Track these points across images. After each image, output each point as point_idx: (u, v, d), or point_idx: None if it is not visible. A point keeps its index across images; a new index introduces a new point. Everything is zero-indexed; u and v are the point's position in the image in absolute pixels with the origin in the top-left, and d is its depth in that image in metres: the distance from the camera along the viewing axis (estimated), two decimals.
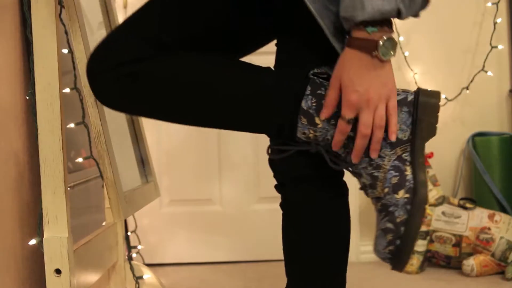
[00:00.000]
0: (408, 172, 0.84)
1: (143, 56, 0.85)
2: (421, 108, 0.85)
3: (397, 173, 0.84)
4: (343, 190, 0.97)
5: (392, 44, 0.79)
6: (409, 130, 0.85)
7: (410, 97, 0.86)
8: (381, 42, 0.78)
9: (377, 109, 0.81)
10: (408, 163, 0.84)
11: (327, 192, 0.95)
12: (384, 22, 0.79)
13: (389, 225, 0.84)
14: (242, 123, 0.90)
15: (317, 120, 0.84)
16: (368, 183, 0.86)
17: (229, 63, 0.90)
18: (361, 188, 0.89)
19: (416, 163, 0.84)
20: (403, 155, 0.84)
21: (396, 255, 0.84)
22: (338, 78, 0.81)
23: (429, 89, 0.86)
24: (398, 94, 0.86)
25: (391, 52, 0.79)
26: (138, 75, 0.85)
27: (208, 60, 0.89)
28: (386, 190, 0.84)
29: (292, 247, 1.00)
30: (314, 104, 0.84)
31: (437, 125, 0.86)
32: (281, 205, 1.01)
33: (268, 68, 0.91)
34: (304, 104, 0.85)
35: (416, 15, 0.83)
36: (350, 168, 0.89)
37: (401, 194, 0.84)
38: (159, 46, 0.86)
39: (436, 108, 0.85)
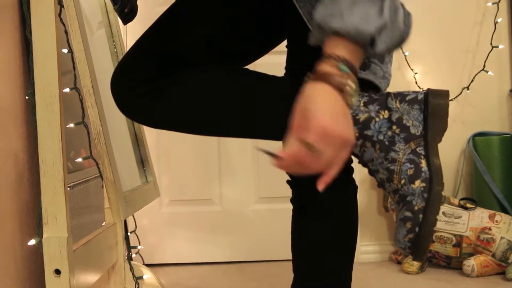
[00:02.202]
0: (423, 164, 0.88)
1: (161, 73, 0.89)
2: (431, 106, 0.90)
3: (412, 165, 0.88)
4: (353, 186, 0.99)
5: (356, 90, 0.73)
6: (421, 126, 0.90)
7: (420, 96, 0.91)
8: (350, 82, 0.72)
9: (324, 153, 0.72)
10: (422, 157, 0.89)
11: (337, 188, 0.96)
12: (353, 68, 0.73)
13: (408, 213, 0.87)
14: (262, 131, 0.93)
15: None
16: (385, 177, 0.90)
17: (244, 74, 0.93)
18: (379, 185, 0.93)
19: (430, 156, 0.88)
20: (417, 149, 0.89)
21: (415, 242, 0.87)
22: (303, 110, 0.73)
23: (438, 89, 0.91)
24: (408, 94, 0.91)
25: (354, 99, 0.73)
26: (157, 92, 0.89)
27: (225, 73, 0.92)
28: (403, 181, 0.88)
29: (300, 242, 1.01)
30: None
31: (447, 119, 0.91)
32: (292, 200, 1.02)
33: (283, 77, 0.96)
34: None
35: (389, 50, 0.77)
36: (368, 165, 0.92)
37: (418, 184, 0.87)
38: (174, 63, 0.90)
39: (445, 106, 0.90)
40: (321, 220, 0.96)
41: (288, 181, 1.02)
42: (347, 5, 0.72)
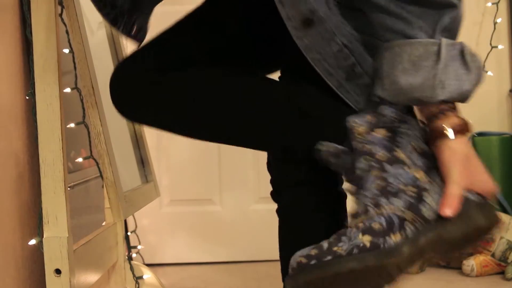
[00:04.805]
0: (393, 239, 0.71)
1: (165, 67, 0.88)
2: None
3: (385, 226, 0.71)
4: (339, 196, 0.95)
5: None
6: (437, 217, 0.74)
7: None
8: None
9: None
10: (403, 234, 0.72)
11: (320, 197, 0.93)
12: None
13: (325, 245, 0.73)
14: (257, 140, 0.91)
15: None
16: (355, 212, 0.77)
17: (248, 77, 0.91)
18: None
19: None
20: (406, 224, 0.73)
21: (299, 271, 0.72)
22: (463, 170, 0.76)
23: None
24: None
25: None
26: (157, 85, 0.87)
27: (234, 78, 0.89)
28: (361, 225, 0.72)
29: (288, 253, 1.00)
30: None
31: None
32: (277, 211, 1.02)
33: (281, 82, 0.93)
34: None
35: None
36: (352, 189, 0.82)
37: (365, 239, 0.71)
38: (180, 60, 0.89)
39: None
40: (304, 230, 0.95)
41: (271, 193, 1.01)
42: (442, 70, 0.73)
